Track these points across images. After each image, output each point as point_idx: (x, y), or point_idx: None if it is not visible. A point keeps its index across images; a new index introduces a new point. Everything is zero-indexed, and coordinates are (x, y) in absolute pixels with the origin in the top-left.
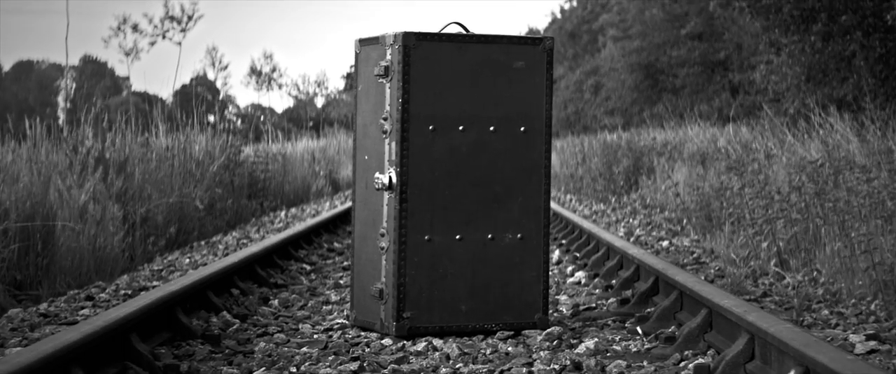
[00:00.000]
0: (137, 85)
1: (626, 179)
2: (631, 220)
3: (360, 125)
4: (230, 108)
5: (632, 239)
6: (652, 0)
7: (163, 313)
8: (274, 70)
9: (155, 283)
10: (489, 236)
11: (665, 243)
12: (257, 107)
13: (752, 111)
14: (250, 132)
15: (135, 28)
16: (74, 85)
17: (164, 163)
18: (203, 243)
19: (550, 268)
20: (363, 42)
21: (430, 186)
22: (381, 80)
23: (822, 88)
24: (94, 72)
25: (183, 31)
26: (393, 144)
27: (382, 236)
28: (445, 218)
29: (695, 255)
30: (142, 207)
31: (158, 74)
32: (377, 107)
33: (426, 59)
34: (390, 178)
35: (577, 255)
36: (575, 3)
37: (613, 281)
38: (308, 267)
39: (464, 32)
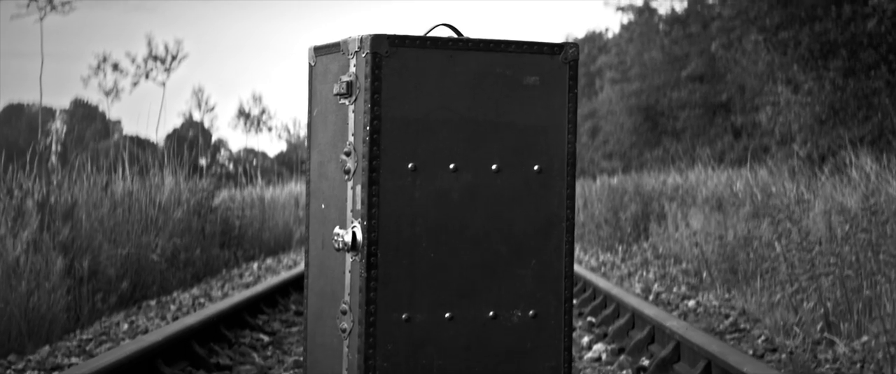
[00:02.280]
0: (129, 128)
1: (634, 226)
2: (644, 273)
3: (315, 163)
4: (222, 151)
5: (651, 296)
6: (651, 41)
7: None
8: (263, 112)
9: (74, 360)
10: (491, 313)
11: (691, 303)
12: (250, 151)
13: (756, 154)
14: (241, 176)
15: (115, 67)
16: (65, 128)
17: (118, 209)
18: (153, 302)
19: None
20: (319, 50)
21: (409, 245)
22: (342, 100)
23: (840, 128)
24: (84, 115)
25: (167, 70)
26: (358, 189)
27: (344, 313)
28: (431, 289)
29: (730, 318)
30: (91, 259)
31: (142, 116)
32: (337, 138)
33: (404, 71)
34: (354, 234)
35: (593, 320)
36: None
37: (645, 360)
38: (266, 338)
39: (456, 37)
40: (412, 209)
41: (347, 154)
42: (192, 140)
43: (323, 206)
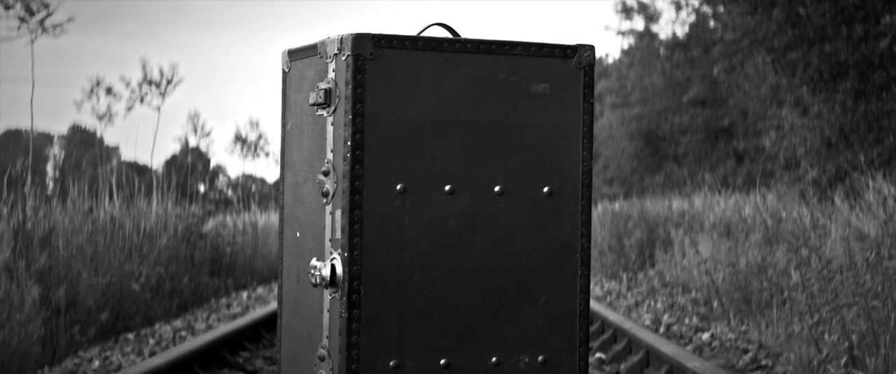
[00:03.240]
0: (127, 154)
1: (639, 252)
2: (652, 302)
3: (289, 184)
4: (220, 177)
5: (662, 328)
6: (652, 66)
7: None
8: (260, 137)
9: None
10: (493, 359)
11: (705, 336)
12: (249, 176)
13: (761, 179)
14: (238, 202)
15: (109, 91)
16: (63, 153)
17: (98, 235)
18: (132, 336)
19: None
20: (294, 54)
21: (397, 280)
22: (320, 111)
23: (849, 151)
24: (82, 140)
25: (162, 95)
26: (338, 214)
27: (322, 360)
28: (423, 332)
29: (749, 353)
30: (68, 288)
31: (137, 141)
32: (314, 155)
33: (391, 76)
34: (334, 267)
35: (603, 357)
36: None
37: None
38: None
39: (453, 38)
40: (401, 238)
41: (326, 174)
42: (190, 166)
43: (298, 234)
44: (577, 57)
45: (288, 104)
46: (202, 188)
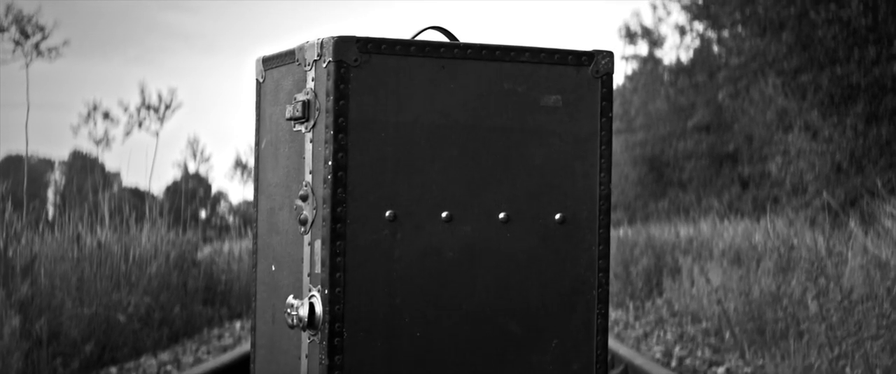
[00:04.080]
0: (128, 180)
1: (646, 280)
2: (661, 333)
3: (263, 211)
4: (222, 203)
5: (674, 362)
6: (656, 91)
7: None
8: None
9: None
10: None
11: (720, 371)
12: (250, 203)
13: (767, 205)
14: (238, 228)
15: (106, 115)
16: (64, 179)
17: (84, 263)
18: (115, 370)
19: None
20: (269, 62)
21: (386, 321)
22: (297, 127)
23: (860, 175)
24: (82, 166)
25: (160, 119)
26: (317, 245)
27: None
28: None
29: None
30: (51, 318)
31: (135, 166)
32: (291, 176)
33: (380, 86)
34: (312, 306)
35: None
36: None
37: None
38: None
39: (450, 42)
40: (391, 273)
41: (304, 199)
42: (191, 191)
43: (273, 267)
44: (594, 65)
45: (262, 119)
46: (203, 214)
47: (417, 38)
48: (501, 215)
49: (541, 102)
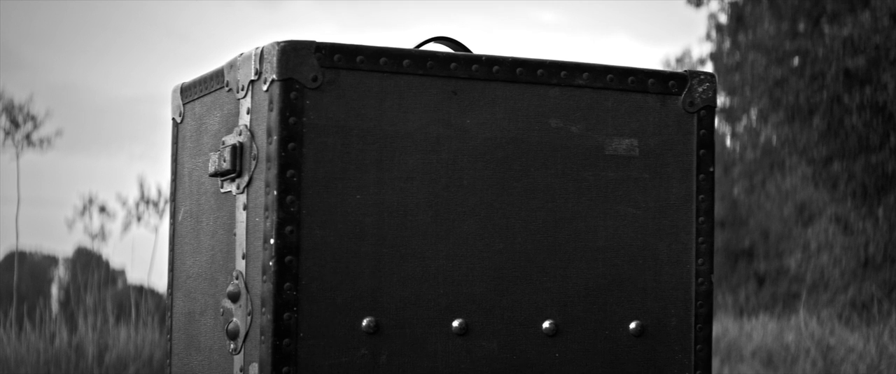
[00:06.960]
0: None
1: None
2: None
3: (179, 314)
4: None
5: None
6: None
7: None
8: None
9: None
10: None
11: None
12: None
13: (786, 303)
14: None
15: (102, 209)
16: (69, 276)
17: (49, 366)
18: None
19: None
20: (188, 91)
21: None
22: (226, 186)
23: (892, 270)
24: (86, 263)
25: (160, 215)
26: (254, 371)
27: None
28: None
29: None
30: None
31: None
32: (217, 264)
33: (353, 118)
34: None
35: None
36: None
37: None
38: None
39: (467, 53)
40: None
41: (234, 298)
42: None
43: None
44: (688, 93)
45: (179, 178)
46: None
47: (422, 49)
48: (546, 325)
49: (606, 148)
